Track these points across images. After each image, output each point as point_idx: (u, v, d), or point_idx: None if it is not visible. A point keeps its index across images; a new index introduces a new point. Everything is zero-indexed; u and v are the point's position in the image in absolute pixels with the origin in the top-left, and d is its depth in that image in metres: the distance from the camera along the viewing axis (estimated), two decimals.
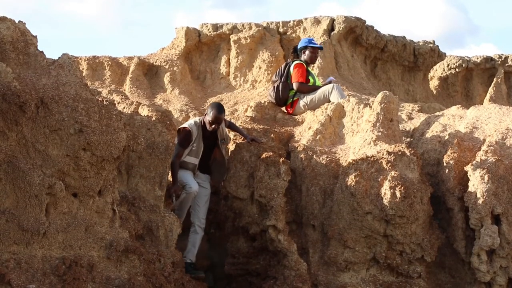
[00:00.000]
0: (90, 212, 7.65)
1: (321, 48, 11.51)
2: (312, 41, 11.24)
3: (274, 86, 10.95)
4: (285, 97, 10.86)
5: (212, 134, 9.41)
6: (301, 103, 10.77)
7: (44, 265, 7.34)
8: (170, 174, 9.01)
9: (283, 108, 10.91)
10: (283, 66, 11.13)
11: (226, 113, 12.51)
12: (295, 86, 10.78)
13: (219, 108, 9.34)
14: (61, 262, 7.39)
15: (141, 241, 8.12)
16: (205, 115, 9.47)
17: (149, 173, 8.48)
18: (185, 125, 9.40)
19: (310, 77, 10.94)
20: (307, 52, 11.08)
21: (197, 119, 9.57)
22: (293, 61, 11.02)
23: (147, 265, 7.90)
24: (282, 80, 10.86)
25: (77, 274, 7.37)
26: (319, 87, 10.79)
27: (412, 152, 8.82)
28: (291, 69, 10.91)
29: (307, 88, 10.77)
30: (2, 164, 7.19)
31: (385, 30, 15.31)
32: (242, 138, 9.57)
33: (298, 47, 11.20)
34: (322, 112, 10.02)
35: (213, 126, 9.30)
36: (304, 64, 10.96)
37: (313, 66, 13.34)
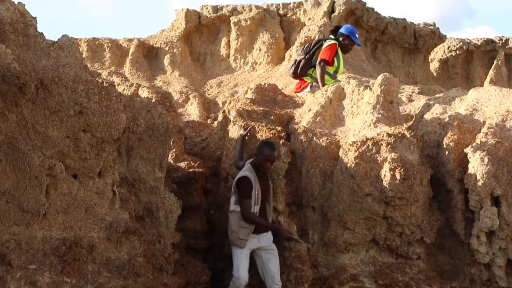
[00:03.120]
0: (90, 194, 7.66)
1: (358, 45, 11.57)
2: (356, 35, 11.26)
3: (295, 60, 11.00)
4: (302, 75, 10.92)
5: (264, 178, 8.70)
6: (308, 89, 10.81)
7: (44, 246, 7.37)
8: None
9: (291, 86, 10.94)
10: (313, 42, 11.16)
11: (226, 94, 12.53)
12: (318, 61, 10.81)
13: (270, 146, 8.69)
14: (61, 243, 7.42)
15: (141, 223, 8.14)
16: (255, 156, 8.73)
17: (149, 155, 8.48)
18: (242, 174, 8.60)
19: (336, 60, 10.99)
20: (346, 41, 11.13)
21: (247, 165, 8.78)
22: (328, 39, 11.07)
23: (147, 246, 7.93)
24: (305, 57, 10.89)
25: (77, 255, 7.40)
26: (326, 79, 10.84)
27: (412, 134, 8.82)
28: (323, 45, 10.98)
29: (322, 71, 10.79)
30: (2, 145, 7.20)
31: (383, 14, 15.27)
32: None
33: (341, 31, 11.22)
34: (322, 94, 10.01)
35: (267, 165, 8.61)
36: (338, 46, 11.00)
37: None
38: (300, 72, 10.99)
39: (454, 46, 19.75)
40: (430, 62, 19.35)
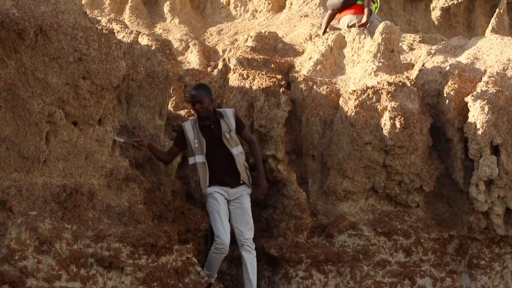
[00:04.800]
0: (90, 141, 7.67)
1: None
2: None
3: None
4: (348, 5, 10.81)
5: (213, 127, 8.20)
6: (347, 20, 10.72)
7: (45, 193, 7.41)
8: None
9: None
10: None
11: (226, 42, 12.43)
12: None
13: (195, 87, 8.40)
14: (61, 189, 7.45)
15: (141, 170, 8.16)
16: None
17: (149, 103, 8.47)
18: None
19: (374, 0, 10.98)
20: None
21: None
22: None
23: (147, 194, 7.96)
24: None
25: (77, 201, 7.44)
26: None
27: (412, 82, 8.80)
28: None
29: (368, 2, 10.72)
30: (1, 92, 7.19)
31: None
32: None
33: None
34: (323, 42, 9.95)
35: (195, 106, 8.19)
36: None
37: None
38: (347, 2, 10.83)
39: None
40: (432, 11, 19.15)
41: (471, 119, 8.61)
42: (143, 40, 9.83)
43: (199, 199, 8.26)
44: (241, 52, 10.03)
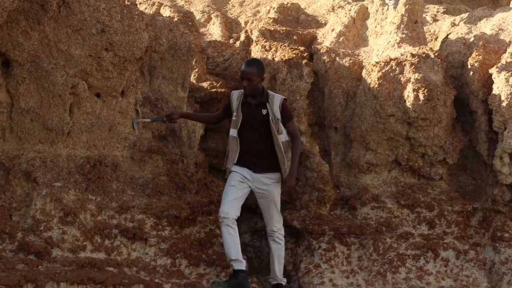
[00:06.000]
0: (113, 113, 7.71)
1: None
2: None
3: None
4: None
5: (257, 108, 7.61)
6: None
7: (69, 164, 7.46)
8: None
9: None
10: None
11: (248, 14, 12.39)
12: None
13: (246, 62, 7.81)
14: (85, 161, 7.50)
15: (164, 142, 8.17)
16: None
17: (172, 74, 8.45)
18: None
19: None
20: None
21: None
22: None
23: (170, 165, 7.98)
24: None
25: (101, 173, 7.49)
26: None
27: (436, 54, 8.73)
28: None
29: None
30: (25, 63, 7.23)
31: None
32: None
33: None
34: (346, 13, 9.89)
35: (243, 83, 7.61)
36: None
37: None
38: None
39: None
40: None
41: (495, 90, 8.54)
42: (165, 12, 9.81)
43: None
44: (264, 24, 9.98)
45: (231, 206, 7.39)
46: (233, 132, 7.58)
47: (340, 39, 9.55)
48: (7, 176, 7.20)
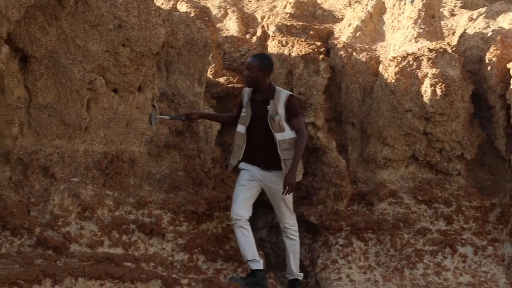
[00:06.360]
0: (130, 108, 7.72)
1: None
2: None
3: None
4: None
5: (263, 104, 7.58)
6: None
7: (86, 159, 7.47)
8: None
9: None
10: None
11: (265, 9, 12.37)
12: None
13: (253, 55, 7.82)
14: (103, 156, 7.52)
15: (181, 137, 8.17)
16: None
17: (188, 70, 8.45)
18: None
19: None
20: None
21: None
22: None
23: (187, 161, 7.99)
24: None
25: (119, 168, 7.50)
26: None
27: (453, 49, 8.69)
28: None
29: None
30: (43, 59, 7.25)
31: None
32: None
33: None
34: (363, 8, 9.86)
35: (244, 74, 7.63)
36: None
37: None
38: None
39: None
40: None
41: None
42: (182, 7, 9.81)
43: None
44: (280, 19, 9.96)
45: (242, 207, 7.44)
46: (240, 128, 7.59)
47: (357, 34, 9.52)
48: (25, 171, 7.22)
